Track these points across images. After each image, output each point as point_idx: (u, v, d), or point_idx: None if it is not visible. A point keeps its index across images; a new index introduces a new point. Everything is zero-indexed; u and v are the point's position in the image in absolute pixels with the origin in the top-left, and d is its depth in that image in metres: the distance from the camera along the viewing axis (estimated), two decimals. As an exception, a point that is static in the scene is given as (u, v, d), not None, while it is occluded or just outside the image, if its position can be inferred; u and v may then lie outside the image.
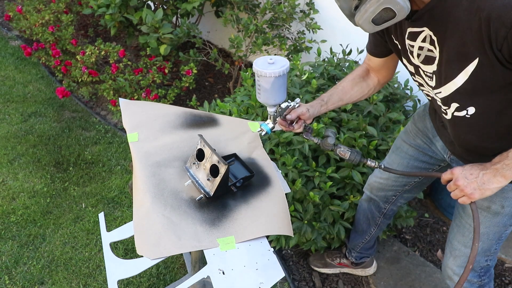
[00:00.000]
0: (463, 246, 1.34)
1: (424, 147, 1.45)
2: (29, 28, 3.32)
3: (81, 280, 1.93)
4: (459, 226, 1.35)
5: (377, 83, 1.44)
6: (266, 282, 1.06)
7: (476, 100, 1.08)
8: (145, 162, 1.32)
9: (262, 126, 1.34)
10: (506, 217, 1.24)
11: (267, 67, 1.20)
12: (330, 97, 1.39)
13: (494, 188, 1.06)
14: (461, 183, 1.08)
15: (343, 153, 1.32)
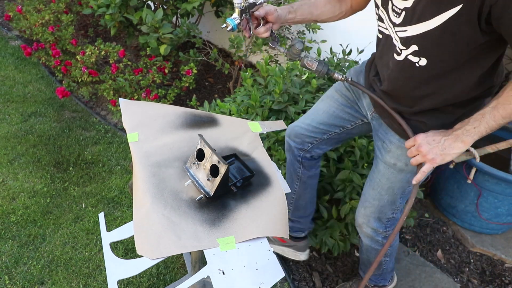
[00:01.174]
0: (372, 199, 1.47)
1: (352, 100, 1.50)
2: (29, 28, 3.32)
3: (81, 280, 1.93)
4: (371, 180, 1.46)
5: (350, 8, 1.41)
6: (266, 282, 1.06)
7: (436, 51, 1.08)
8: (145, 162, 1.32)
9: (228, 21, 1.23)
10: (409, 174, 1.34)
11: None
12: (300, 6, 1.34)
13: (453, 154, 1.10)
14: (424, 148, 1.12)
15: (310, 63, 1.30)
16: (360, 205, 1.53)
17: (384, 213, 1.48)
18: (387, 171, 1.38)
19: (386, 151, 1.37)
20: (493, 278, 2.12)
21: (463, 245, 2.29)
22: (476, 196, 2.19)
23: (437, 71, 1.12)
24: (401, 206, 1.47)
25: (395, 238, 1.62)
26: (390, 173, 1.38)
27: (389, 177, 1.38)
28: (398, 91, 1.25)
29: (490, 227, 2.28)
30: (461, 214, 2.32)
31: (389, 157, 1.36)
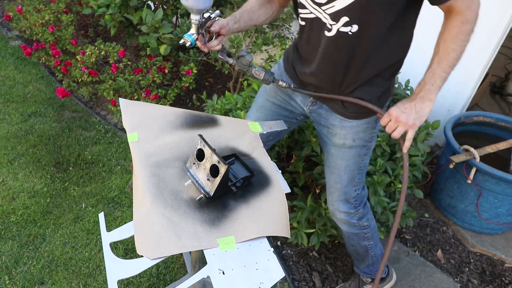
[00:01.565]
0: (334, 182, 1.56)
1: (284, 103, 1.57)
2: (29, 28, 3.32)
3: (81, 280, 1.93)
4: (329, 167, 1.56)
5: (279, 6, 1.48)
6: (266, 282, 1.06)
7: (365, 16, 1.17)
8: (145, 162, 1.32)
9: (186, 37, 1.28)
10: (359, 148, 1.47)
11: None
12: (241, 15, 1.39)
13: (427, 112, 1.24)
14: (403, 118, 1.23)
15: (258, 73, 1.37)
16: (327, 193, 1.63)
17: (348, 193, 1.56)
18: (339, 152, 1.49)
19: (332, 135, 1.48)
20: (493, 278, 2.12)
21: (463, 245, 2.29)
22: (476, 196, 2.19)
23: (368, 36, 1.22)
24: (360, 181, 1.57)
25: (371, 218, 1.70)
26: (342, 153, 1.48)
27: (342, 156, 1.49)
28: (331, 69, 1.32)
29: (490, 227, 2.28)
30: (461, 214, 2.32)
31: (337, 139, 1.47)
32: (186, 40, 1.30)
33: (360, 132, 1.44)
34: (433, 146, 2.81)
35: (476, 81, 2.46)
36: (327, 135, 1.50)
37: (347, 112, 1.39)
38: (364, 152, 1.49)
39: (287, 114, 1.60)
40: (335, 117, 1.44)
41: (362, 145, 1.46)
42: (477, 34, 2.41)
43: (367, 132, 1.45)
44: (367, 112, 1.39)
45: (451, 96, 2.58)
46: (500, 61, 4.00)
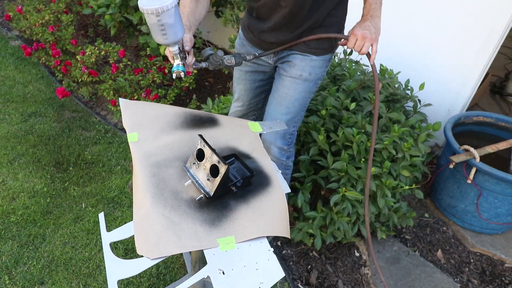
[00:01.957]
0: (280, 114, 1.67)
1: (255, 67, 1.72)
2: (29, 28, 3.32)
3: (81, 280, 1.93)
4: (277, 97, 1.66)
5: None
6: (266, 282, 1.06)
7: None
8: (145, 162, 1.32)
9: (177, 69, 1.31)
10: (311, 83, 1.62)
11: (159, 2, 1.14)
12: (189, 21, 1.43)
13: (380, 26, 1.42)
14: (368, 34, 1.37)
15: (229, 62, 1.46)
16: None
17: (288, 129, 1.70)
18: (293, 84, 1.62)
19: (291, 66, 1.61)
20: (493, 278, 2.12)
21: (463, 245, 2.29)
22: (476, 196, 2.19)
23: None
24: (299, 121, 1.72)
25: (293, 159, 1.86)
26: (296, 84, 1.62)
27: (295, 88, 1.62)
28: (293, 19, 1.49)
29: (490, 227, 2.28)
30: (461, 214, 2.32)
31: (295, 70, 1.60)
32: (179, 73, 1.33)
33: (316, 68, 1.60)
34: (433, 146, 2.81)
35: (476, 81, 2.47)
36: (286, 68, 1.63)
37: (308, 48, 1.56)
38: (313, 89, 1.66)
39: (262, 77, 1.75)
40: (296, 52, 1.60)
41: (315, 81, 1.63)
42: (477, 34, 2.43)
43: (321, 69, 1.62)
44: (326, 48, 1.57)
45: (451, 96, 2.59)
46: (500, 61, 4.00)
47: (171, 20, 1.18)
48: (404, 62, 2.68)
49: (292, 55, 1.61)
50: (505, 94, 3.52)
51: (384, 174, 1.91)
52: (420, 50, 2.59)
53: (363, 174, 1.87)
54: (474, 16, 2.28)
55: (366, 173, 1.87)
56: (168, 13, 1.16)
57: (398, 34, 2.63)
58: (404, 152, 1.95)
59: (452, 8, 2.34)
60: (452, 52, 2.46)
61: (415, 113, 2.27)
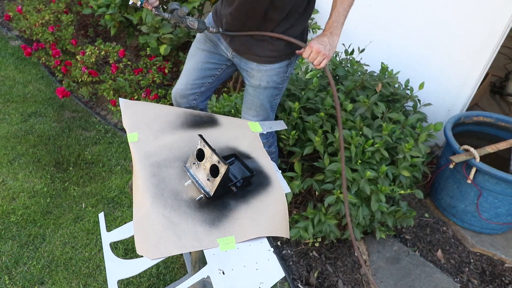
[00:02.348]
0: (251, 117, 1.82)
1: (213, 48, 1.76)
2: (29, 28, 3.32)
3: (81, 280, 1.93)
4: (246, 103, 1.81)
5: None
6: (266, 282, 1.06)
7: None
8: (145, 162, 1.32)
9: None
10: (272, 89, 1.74)
11: None
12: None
13: (336, 44, 1.50)
14: (322, 50, 1.46)
15: (192, 23, 1.47)
16: None
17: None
18: (255, 92, 1.75)
19: (250, 77, 1.72)
20: (493, 278, 2.12)
21: (463, 245, 2.29)
22: (476, 196, 2.19)
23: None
24: (273, 117, 1.88)
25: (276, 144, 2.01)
26: (258, 92, 1.74)
27: (258, 96, 1.75)
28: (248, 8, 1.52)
29: (490, 227, 2.28)
30: (461, 214, 2.31)
31: (253, 81, 1.72)
32: (135, 1, 1.36)
33: (273, 76, 1.69)
34: (433, 146, 2.81)
35: (476, 81, 2.46)
36: (247, 77, 1.75)
37: (261, 59, 1.64)
38: (276, 93, 1.78)
39: (215, 61, 1.80)
40: (251, 63, 1.68)
41: (275, 87, 1.74)
42: (477, 34, 2.43)
43: (279, 76, 1.70)
44: (279, 56, 1.64)
45: (451, 96, 2.58)
46: (500, 61, 4.00)
47: None
48: (404, 62, 2.68)
49: (249, 65, 1.70)
50: (505, 94, 3.52)
51: (380, 178, 1.91)
52: (420, 50, 2.59)
53: (358, 177, 1.87)
54: (474, 16, 2.28)
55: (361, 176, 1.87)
56: None
57: (398, 34, 2.63)
58: (404, 153, 1.95)
59: (452, 8, 2.34)
60: (452, 52, 2.45)
61: (415, 113, 2.27)
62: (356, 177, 1.87)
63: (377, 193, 1.89)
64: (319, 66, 1.50)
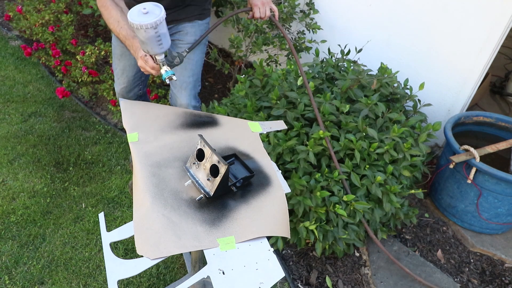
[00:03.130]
0: (187, 77, 1.92)
1: None
2: (29, 28, 3.32)
3: (81, 280, 1.93)
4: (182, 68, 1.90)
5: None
6: (266, 282, 1.06)
7: None
8: (145, 162, 1.32)
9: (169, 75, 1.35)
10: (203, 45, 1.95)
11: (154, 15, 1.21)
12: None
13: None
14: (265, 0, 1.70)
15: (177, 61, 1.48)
16: (181, 88, 1.95)
17: (196, 88, 1.99)
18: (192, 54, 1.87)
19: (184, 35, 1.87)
20: (493, 278, 2.12)
21: (463, 245, 2.29)
22: (476, 196, 2.19)
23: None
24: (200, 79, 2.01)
25: None
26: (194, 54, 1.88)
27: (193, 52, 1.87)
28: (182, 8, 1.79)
29: (490, 227, 2.28)
30: (461, 214, 2.32)
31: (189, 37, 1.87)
32: (171, 77, 1.36)
33: (204, 30, 1.89)
34: (433, 146, 2.81)
35: (476, 81, 2.46)
36: (181, 37, 1.87)
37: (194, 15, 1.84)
38: (204, 49, 1.95)
39: None
40: (184, 24, 1.86)
41: (204, 43, 1.93)
42: (477, 34, 2.43)
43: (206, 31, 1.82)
44: (203, 14, 1.88)
45: (451, 96, 2.59)
46: (500, 61, 4.00)
47: (165, 28, 1.25)
48: (404, 62, 2.68)
49: (181, 25, 1.87)
50: (505, 94, 3.52)
51: (388, 179, 1.91)
52: (420, 50, 2.59)
53: (368, 182, 1.87)
54: (474, 16, 2.28)
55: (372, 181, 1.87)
56: (163, 23, 1.23)
57: (398, 33, 2.63)
58: (404, 152, 1.95)
59: (452, 8, 2.34)
60: (452, 52, 2.46)
61: (415, 113, 2.27)
62: (366, 183, 1.87)
63: (387, 194, 1.90)
64: (266, 16, 1.71)
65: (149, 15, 1.21)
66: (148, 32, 1.21)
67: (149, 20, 1.20)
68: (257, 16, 1.71)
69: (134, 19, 1.21)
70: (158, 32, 1.23)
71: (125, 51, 1.93)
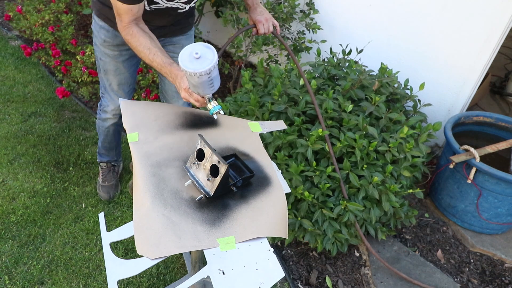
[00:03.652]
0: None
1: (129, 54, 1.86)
2: (29, 28, 3.32)
3: (81, 280, 1.93)
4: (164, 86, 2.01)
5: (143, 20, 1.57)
6: (266, 282, 1.06)
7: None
8: (145, 162, 1.32)
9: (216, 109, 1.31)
10: None
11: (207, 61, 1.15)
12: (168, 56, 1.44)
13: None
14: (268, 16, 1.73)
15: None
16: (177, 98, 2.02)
17: None
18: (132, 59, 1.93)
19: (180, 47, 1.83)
20: (493, 278, 2.12)
21: (463, 245, 2.29)
22: (476, 196, 2.19)
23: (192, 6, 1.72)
24: None
25: None
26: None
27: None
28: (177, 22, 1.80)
29: (490, 227, 2.28)
30: (461, 214, 2.32)
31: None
32: (219, 111, 1.32)
33: (193, 40, 1.95)
34: (433, 146, 2.81)
35: (476, 81, 2.46)
36: (176, 50, 1.86)
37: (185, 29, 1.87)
38: None
39: (137, 59, 1.92)
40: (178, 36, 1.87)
41: None
42: (477, 34, 2.43)
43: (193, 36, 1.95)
44: (191, 23, 1.91)
45: (451, 96, 2.59)
46: (500, 61, 4.00)
47: (217, 70, 1.21)
48: (404, 62, 2.68)
49: (176, 37, 1.87)
50: (505, 94, 3.52)
51: (387, 178, 1.91)
52: (420, 50, 2.59)
53: (365, 183, 1.87)
54: (474, 16, 2.28)
55: (369, 182, 1.87)
56: (215, 68, 1.18)
57: (398, 34, 2.63)
58: (405, 153, 1.95)
59: (452, 8, 2.34)
60: (452, 52, 2.46)
61: (415, 113, 2.27)
62: (363, 183, 1.87)
63: (386, 193, 1.90)
64: (269, 31, 1.73)
65: (202, 60, 1.15)
66: (201, 78, 1.16)
67: (203, 67, 1.14)
68: (261, 32, 1.72)
69: (187, 66, 1.14)
70: (211, 76, 1.18)
71: (119, 66, 1.89)
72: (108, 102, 2.05)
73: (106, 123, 2.14)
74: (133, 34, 1.42)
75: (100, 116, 2.13)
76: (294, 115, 1.97)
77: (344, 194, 1.88)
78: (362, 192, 1.87)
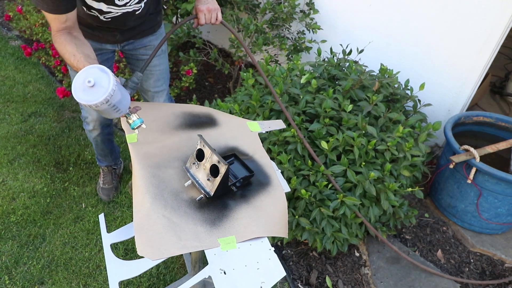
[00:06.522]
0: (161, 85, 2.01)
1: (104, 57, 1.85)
2: (29, 28, 3.32)
3: (81, 280, 1.93)
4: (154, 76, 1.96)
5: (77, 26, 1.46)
6: (267, 281, 1.07)
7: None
8: (144, 163, 1.32)
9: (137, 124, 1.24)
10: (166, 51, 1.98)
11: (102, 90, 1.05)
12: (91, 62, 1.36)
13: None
14: (211, 6, 1.60)
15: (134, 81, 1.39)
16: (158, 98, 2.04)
17: (168, 91, 2.10)
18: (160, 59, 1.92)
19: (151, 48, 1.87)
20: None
21: (463, 245, 2.29)
22: (476, 196, 2.19)
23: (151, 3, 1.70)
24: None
25: None
26: (163, 58, 1.93)
27: (163, 61, 1.94)
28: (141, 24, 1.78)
29: (490, 227, 2.28)
30: (461, 214, 2.32)
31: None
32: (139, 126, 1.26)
33: (163, 33, 1.92)
34: (433, 146, 2.81)
35: (476, 81, 2.47)
36: (147, 51, 1.87)
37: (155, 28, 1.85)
38: (167, 55, 1.99)
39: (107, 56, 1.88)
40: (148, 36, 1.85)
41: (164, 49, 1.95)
42: (477, 34, 2.43)
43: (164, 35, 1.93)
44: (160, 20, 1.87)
45: (451, 96, 2.59)
46: (500, 61, 4.00)
47: (118, 96, 1.10)
48: (404, 62, 2.68)
49: (146, 38, 1.85)
50: (505, 94, 3.52)
51: (386, 176, 1.91)
52: (420, 50, 2.59)
53: (362, 179, 1.87)
54: (474, 16, 2.29)
55: (366, 178, 1.88)
56: (115, 93, 1.07)
57: (398, 34, 2.63)
58: (405, 152, 1.95)
59: (452, 8, 2.34)
60: (452, 52, 2.46)
61: (415, 113, 2.27)
62: (360, 179, 1.87)
63: (385, 192, 1.89)
64: (217, 21, 1.63)
65: (96, 89, 1.04)
66: (100, 107, 1.06)
67: (98, 98, 1.03)
68: (202, 23, 1.61)
69: (81, 98, 1.04)
70: (111, 103, 1.08)
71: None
72: (86, 114, 2.01)
73: (92, 134, 2.11)
74: (61, 42, 1.37)
75: (85, 128, 2.11)
76: (293, 114, 1.97)
77: (336, 187, 1.86)
78: (359, 188, 1.87)
